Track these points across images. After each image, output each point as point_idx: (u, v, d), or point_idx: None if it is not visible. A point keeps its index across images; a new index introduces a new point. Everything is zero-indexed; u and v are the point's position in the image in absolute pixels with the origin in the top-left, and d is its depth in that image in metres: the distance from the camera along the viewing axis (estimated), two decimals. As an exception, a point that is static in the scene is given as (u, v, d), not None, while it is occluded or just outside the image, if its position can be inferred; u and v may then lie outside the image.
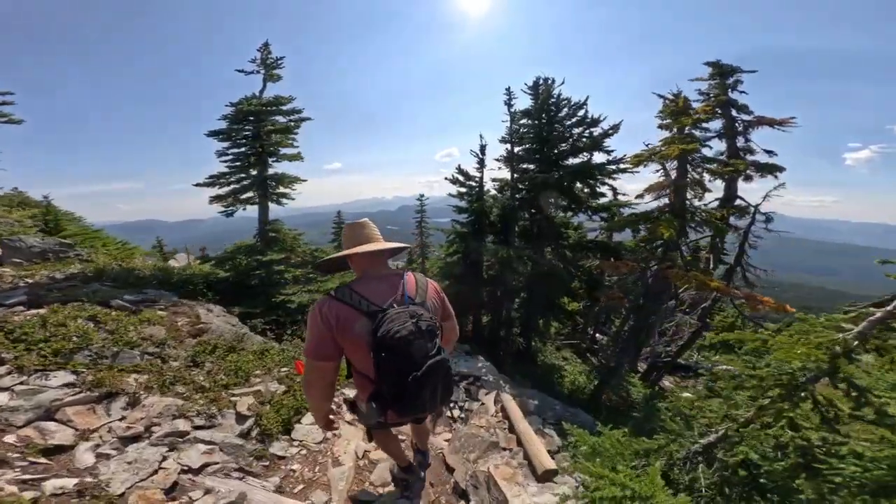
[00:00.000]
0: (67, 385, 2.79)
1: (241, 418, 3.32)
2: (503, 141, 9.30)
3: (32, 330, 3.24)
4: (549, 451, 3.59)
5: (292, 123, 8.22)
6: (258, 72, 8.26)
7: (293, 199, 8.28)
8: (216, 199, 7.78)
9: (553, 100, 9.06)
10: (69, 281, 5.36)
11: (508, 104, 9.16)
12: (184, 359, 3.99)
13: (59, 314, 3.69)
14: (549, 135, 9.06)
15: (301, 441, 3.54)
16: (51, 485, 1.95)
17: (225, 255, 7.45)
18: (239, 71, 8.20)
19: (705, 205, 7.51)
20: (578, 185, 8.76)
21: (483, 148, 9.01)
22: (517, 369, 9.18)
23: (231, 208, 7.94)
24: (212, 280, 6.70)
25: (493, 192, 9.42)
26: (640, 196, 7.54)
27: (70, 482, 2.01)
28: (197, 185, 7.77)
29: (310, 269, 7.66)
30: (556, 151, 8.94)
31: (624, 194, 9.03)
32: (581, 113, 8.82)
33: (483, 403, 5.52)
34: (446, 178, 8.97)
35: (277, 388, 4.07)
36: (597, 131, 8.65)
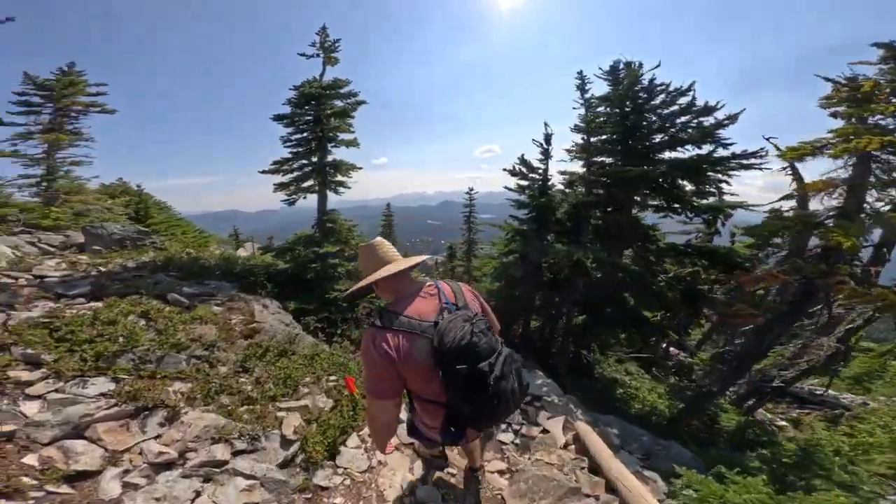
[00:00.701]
0: (104, 395, 2.53)
1: (286, 442, 2.93)
2: (576, 130, 8.26)
3: (80, 328, 3.09)
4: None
5: (349, 106, 7.97)
6: (318, 55, 8.15)
7: (349, 187, 8.07)
8: (280, 186, 7.78)
9: (642, 85, 7.84)
10: (139, 270, 5.44)
11: (582, 89, 8.10)
12: (233, 363, 3.73)
13: (113, 309, 3.56)
14: (637, 124, 7.84)
15: (346, 469, 3.11)
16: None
17: (285, 246, 7.41)
18: (300, 55, 8.15)
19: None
20: (683, 181, 7.46)
21: (548, 137, 8.05)
22: (573, 383, 8.27)
23: (293, 196, 7.92)
24: (272, 272, 6.61)
25: (560, 186, 8.42)
26: (787, 197, 6.14)
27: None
28: (262, 172, 7.85)
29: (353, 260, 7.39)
30: (646, 143, 7.71)
31: (733, 194, 7.56)
32: (683, 100, 7.50)
33: (547, 431, 4.78)
34: (505, 170, 8.16)
35: (325, 402, 3.69)
36: (708, 121, 7.28)
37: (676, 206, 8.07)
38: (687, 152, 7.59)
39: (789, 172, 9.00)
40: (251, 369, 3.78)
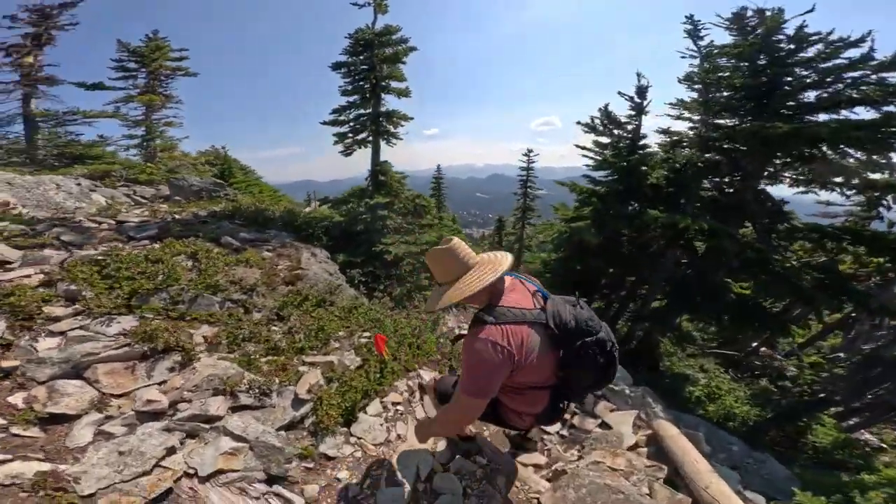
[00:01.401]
0: (122, 335, 2.46)
1: (297, 402, 2.66)
2: (687, 82, 6.49)
3: (126, 265, 3.10)
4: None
5: (401, 51, 7.47)
6: (369, 4, 7.65)
7: (401, 138, 7.72)
8: (339, 137, 7.72)
9: (785, 35, 5.90)
10: (208, 217, 5.69)
11: (694, 35, 6.26)
12: (269, 310, 3.61)
13: (166, 249, 3.60)
14: (778, 80, 5.97)
15: (359, 439, 2.78)
16: (5, 470, 1.46)
17: (340, 198, 7.38)
18: (353, 4, 7.80)
19: None
20: (850, 148, 5.63)
21: (642, 90, 6.48)
22: (634, 377, 7.12)
23: (351, 148, 7.85)
24: (328, 224, 6.61)
25: (654, 147, 6.85)
26: None
27: (34, 468, 1.50)
28: (323, 123, 7.91)
29: (410, 220, 7.05)
30: (793, 102, 5.85)
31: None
32: (853, 53, 5.51)
33: (608, 426, 3.95)
34: (579, 124, 6.86)
35: (353, 360, 3.40)
36: (892, 77, 5.27)
37: (835, 178, 6.08)
38: (856, 115, 5.57)
39: None
40: (286, 317, 3.63)
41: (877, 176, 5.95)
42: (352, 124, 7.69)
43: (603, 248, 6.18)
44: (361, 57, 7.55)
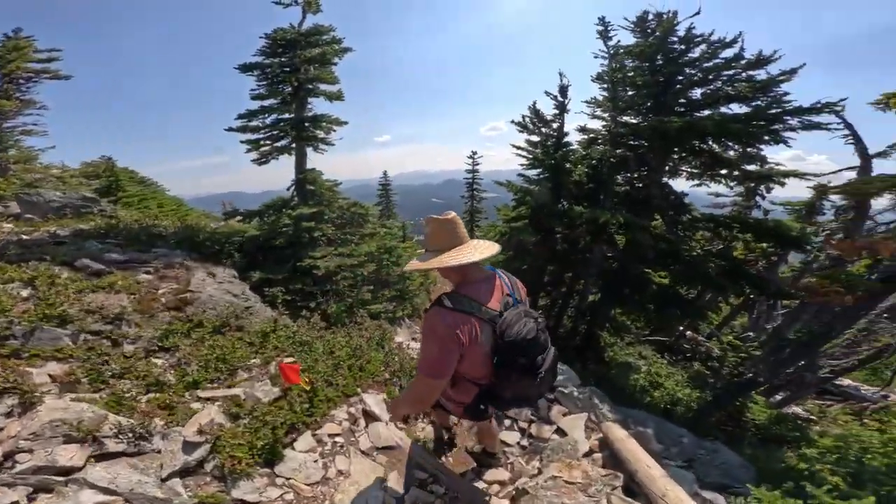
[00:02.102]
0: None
1: (190, 445, 2.10)
2: (599, 80, 7.10)
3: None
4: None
5: (330, 51, 6.97)
6: (296, 2, 7.12)
7: (333, 144, 7.14)
8: (251, 145, 6.85)
9: (677, 36, 6.76)
10: (71, 237, 4.63)
11: (605, 36, 6.95)
12: (147, 340, 2.90)
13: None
14: (672, 78, 6.75)
15: (289, 479, 2.31)
16: None
17: (254, 211, 6.56)
18: (276, 2, 7.13)
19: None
20: (730, 142, 6.41)
21: (564, 89, 6.96)
22: (581, 369, 7.40)
23: (268, 157, 7.04)
24: (239, 239, 5.79)
25: (576, 145, 7.34)
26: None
27: None
28: (229, 129, 6.93)
29: (347, 231, 6.57)
30: (684, 100, 6.62)
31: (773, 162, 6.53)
32: (728, 53, 6.42)
33: (564, 433, 3.87)
34: (513, 122, 7.14)
35: (269, 391, 2.84)
36: (760, 75, 6.19)
37: (721, 170, 6.98)
38: (731, 111, 6.52)
39: (850, 140, 7.90)
40: (174, 348, 2.95)
41: (752, 167, 6.93)
42: (268, 130, 6.90)
43: (540, 246, 6.33)
44: (282, 59, 6.87)
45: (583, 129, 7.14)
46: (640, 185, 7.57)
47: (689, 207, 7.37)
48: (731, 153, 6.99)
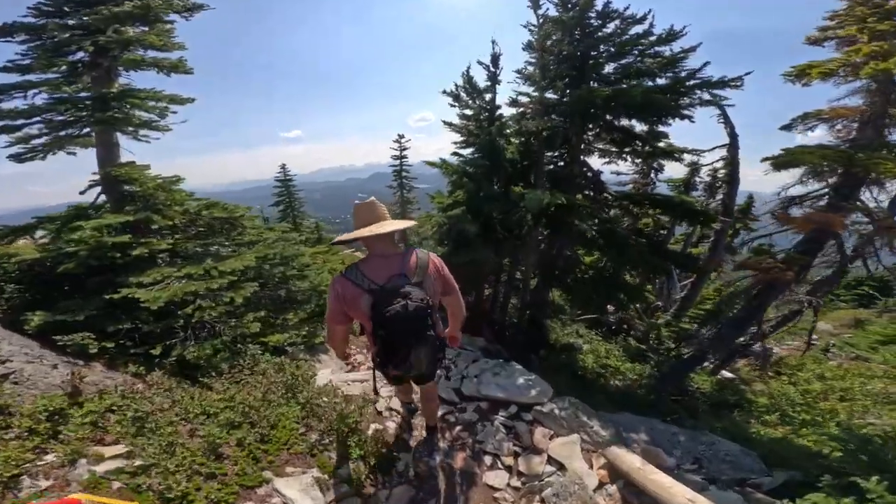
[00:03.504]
0: None
1: None
2: (529, 49, 6.35)
3: None
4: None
5: (160, 4, 4.80)
6: None
7: (168, 129, 5.04)
8: (6, 132, 4.32)
9: (595, 11, 6.38)
10: None
11: (535, 5, 6.27)
12: None
13: None
14: (587, 53, 6.34)
15: None
16: None
17: (21, 227, 4.19)
18: None
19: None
20: (632, 119, 6.18)
21: (496, 58, 6.13)
22: (523, 358, 6.98)
23: (41, 151, 4.52)
24: (12, 269, 3.56)
25: (507, 120, 6.58)
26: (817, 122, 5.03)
27: None
28: None
29: (208, 242, 4.69)
30: (599, 74, 6.27)
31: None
32: (638, 29, 6.25)
33: (556, 461, 3.21)
34: (444, 92, 6.08)
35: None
36: (664, 51, 6.12)
37: (628, 148, 6.94)
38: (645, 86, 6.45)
39: (721, 120, 8.67)
40: None
41: (661, 144, 7.03)
42: (42, 114, 4.39)
43: (481, 236, 5.42)
44: (70, 20, 4.44)
45: (514, 102, 6.39)
46: (562, 162, 7.25)
47: (604, 186, 7.29)
48: (638, 129, 6.99)
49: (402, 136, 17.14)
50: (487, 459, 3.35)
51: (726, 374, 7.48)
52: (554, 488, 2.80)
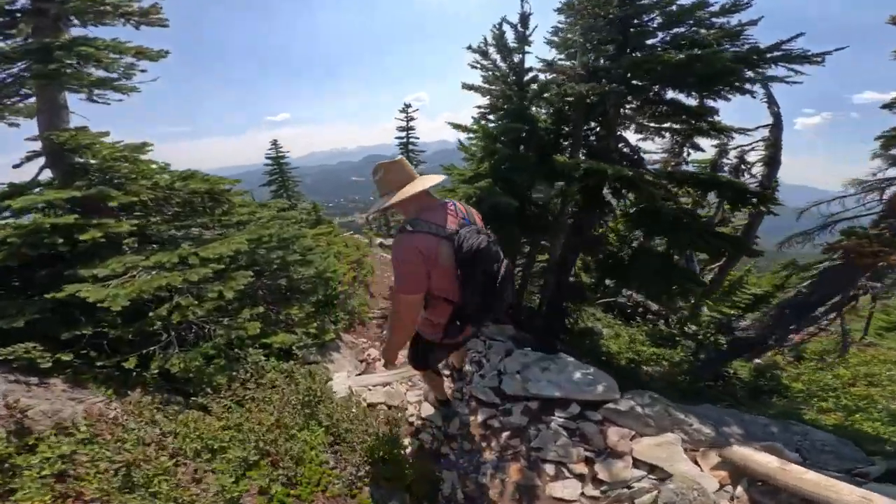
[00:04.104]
0: None
1: None
2: (567, 8, 5.45)
3: None
4: None
5: None
6: None
7: (136, 90, 4.04)
8: None
9: None
10: None
11: None
12: None
13: None
14: (629, 20, 5.55)
15: None
16: None
17: None
18: None
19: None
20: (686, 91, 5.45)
21: (525, 18, 5.26)
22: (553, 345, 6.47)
23: None
24: None
25: (536, 86, 5.75)
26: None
27: None
28: None
29: (187, 223, 3.82)
30: (644, 43, 5.49)
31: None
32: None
33: (644, 463, 2.77)
34: (469, 48, 5.21)
35: None
36: (723, 22, 5.33)
37: (672, 123, 6.20)
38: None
39: (764, 99, 8.16)
40: None
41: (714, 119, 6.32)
42: None
43: (517, 211, 4.71)
44: None
45: (550, 66, 5.55)
46: (595, 137, 6.54)
47: (643, 162, 6.64)
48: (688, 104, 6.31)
49: (408, 106, 16.03)
50: (549, 468, 2.91)
51: (756, 360, 7.19)
52: (665, 495, 2.30)
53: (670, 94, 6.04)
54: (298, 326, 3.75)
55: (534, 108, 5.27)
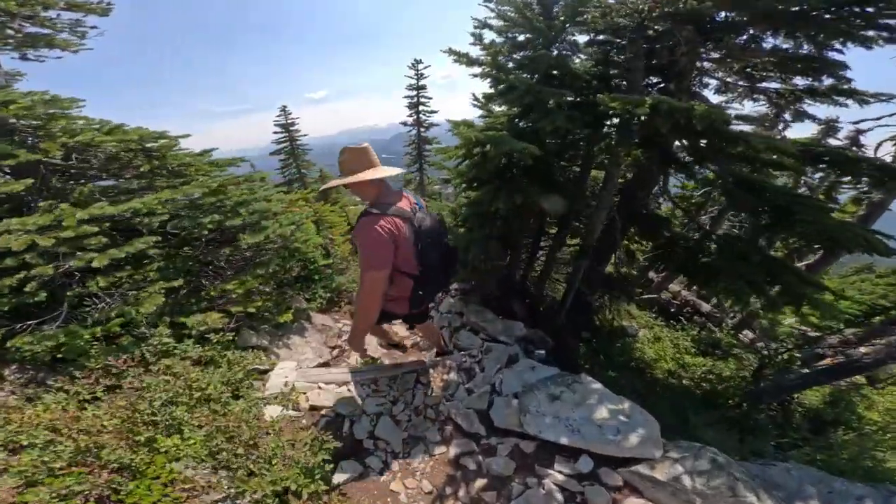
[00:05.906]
0: None
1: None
2: None
3: None
4: None
5: None
6: None
7: (85, 47, 3.43)
8: None
9: None
10: None
11: None
12: None
13: None
14: None
15: None
16: None
17: None
18: None
19: None
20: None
21: None
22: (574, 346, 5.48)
23: None
24: None
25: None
26: None
27: None
28: None
29: (92, 187, 3.17)
30: None
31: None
32: None
33: None
34: None
35: None
36: None
37: (773, 83, 4.48)
38: None
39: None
40: None
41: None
42: None
43: (538, 165, 3.58)
44: None
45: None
46: (663, 92, 5.04)
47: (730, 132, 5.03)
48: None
49: (418, 62, 14.62)
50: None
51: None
52: None
53: (770, 42, 4.47)
54: (237, 304, 3.01)
55: (568, 41, 3.97)
